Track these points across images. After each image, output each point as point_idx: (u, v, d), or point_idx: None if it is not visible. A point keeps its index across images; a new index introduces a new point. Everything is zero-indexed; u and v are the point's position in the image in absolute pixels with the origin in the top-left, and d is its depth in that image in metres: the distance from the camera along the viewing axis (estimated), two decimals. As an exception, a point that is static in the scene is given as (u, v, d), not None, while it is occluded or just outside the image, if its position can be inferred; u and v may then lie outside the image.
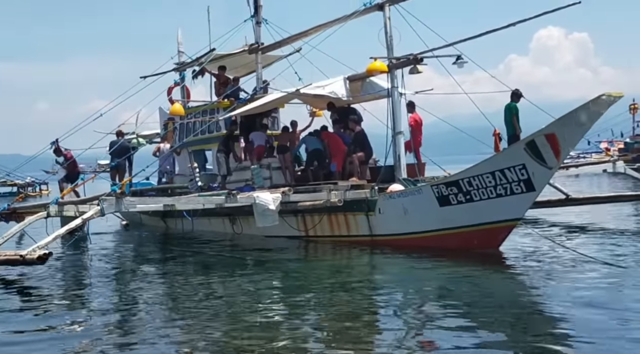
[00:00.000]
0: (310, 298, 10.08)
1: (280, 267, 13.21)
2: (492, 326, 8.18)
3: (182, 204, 14.65)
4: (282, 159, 17.55)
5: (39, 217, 13.85)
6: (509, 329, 8.02)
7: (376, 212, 14.86)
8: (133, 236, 20.46)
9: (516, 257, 13.01)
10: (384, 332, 8.14)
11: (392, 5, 15.53)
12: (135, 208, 14.04)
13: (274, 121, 20.45)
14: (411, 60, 15.09)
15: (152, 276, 12.64)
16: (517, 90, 14.96)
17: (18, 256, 11.96)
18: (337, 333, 8.05)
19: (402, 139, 15.60)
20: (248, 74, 21.85)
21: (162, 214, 19.86)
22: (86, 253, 15.83)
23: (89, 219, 13.05)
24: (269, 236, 16.37)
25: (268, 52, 20.22)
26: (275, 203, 14.35)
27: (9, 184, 49.98)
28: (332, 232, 15.81)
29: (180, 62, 22.82)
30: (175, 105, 19.52)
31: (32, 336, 8.22)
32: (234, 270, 12.57)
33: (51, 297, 10.76)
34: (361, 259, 14.14)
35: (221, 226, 18.63)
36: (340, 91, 16.21)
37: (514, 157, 12.82)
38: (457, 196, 13.60)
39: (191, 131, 20.23)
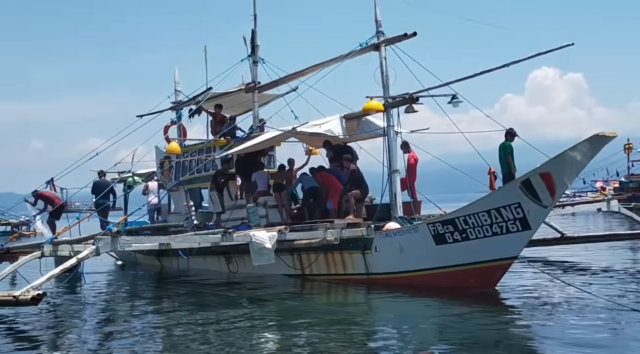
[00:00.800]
0: (306, 337, 10.00)
1: (276, 305, 13.11)
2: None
3: (177, 242, 14.57)
4: (278, 197, 17.53)
5: (33, 257, 13.76)
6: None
7: (372, 251, 14.81)
8: (128, 276, 20.29)
9: (513, 296, 12.95)
10: None
11: (388, 45, 15.74)
12: (130, 247, 13.96)
13: (271, 159, 20.49)
14: (407, 99, 15.21)
15: (147, 316, 12.51)
16: (512, 129, 15.06)
17: (11, 297, 11.81)
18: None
19: (398, 178, 15.62)
20: (245, 112, 21.95)
21: (157, 253, 19.74)
22: (80, 293, 15.68)
23: (84, 259, 12.95)
24: (264, 275, 16.28)
25: (265, 91, 20.35)
26: (271, 241, 14.30)
27: (2, 223, 49.66)
28: (328, 271, 15.73)
29: (176, 100, 22.92)
30: (171, 143, 19.56)
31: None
32: (229, 309, 12.46)
33: (44, 339, 10.63)
34: (357, 298, 14.06)
35: (217, 265, 18.52)
36: (337, 130, 16.29)
37: (509, 195, 12.85)
38: (453, 234, 13.59)
39: (187, 169, 20.26)
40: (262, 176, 18.06)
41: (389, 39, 15.70)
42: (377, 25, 15.91)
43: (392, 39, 15.65)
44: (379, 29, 15.88)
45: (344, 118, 16.66)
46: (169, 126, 22.39)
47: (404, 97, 15.26)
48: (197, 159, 20.06)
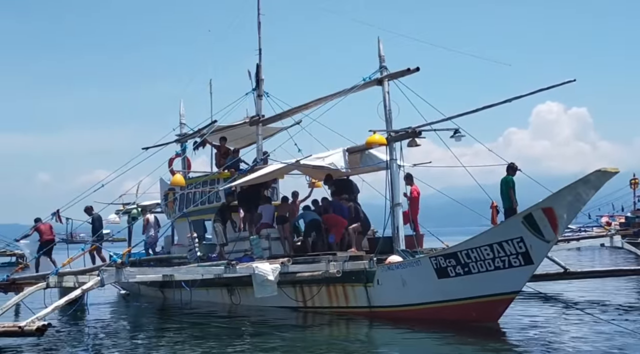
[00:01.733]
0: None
1: (278, 338, 13.12)
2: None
3: (181, 274, 14.67)
4: (281, 230, 17.65)
5: (38, 288, 13.87)
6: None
7: (374, 284, 14.87)
8: (131, 307, 20.34)
9: (515, 331, 12.98)
10: None
11: (391, 80, 15.97)
12: (134, 279, 14.05)
13: (274, 191, 20.65)
14: (409, 133, 15.39)
15: (150, 348, 12.55)
16: (513, 164, 15.24)
17: (17, 328, 11.92)
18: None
19: (401, 211, 15.74)
20: (248, 145, 22.18)
21: (160, 285, 19.81)
22: (84, 324, 15.73)
23: (88, 290, 13.05)
24: (267, 307, 16.32)
25: (269, 124, 20.58)
26: (274, 274, 14.37)
27: (7, 254, 49.69)
28: (330, 304, 15.76)
29: (181, 133, 23.19)
30: (176, 176, 19.74)
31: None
32: (231, 341, 12.53)
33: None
34: (359, 331, 14.08)
35: (219, 297, 18.56)
36: (339, 163, 16.46)
37: (511, 230, 12.94)
38: (455, 268, 13.66)
39: (191, 201, 20.43)
40: (268, 209, 18.20)
41: (392, 73, 15.95)
42: (380, 61, 16.17)
43: (395, 73, 15.90)
44: (382, 64, 16.14)
45: (347, 151, 16.84)
46: (174, 158, 22.58)
47: (407, 131, 15.44)
48: (201, 191, 20.24)
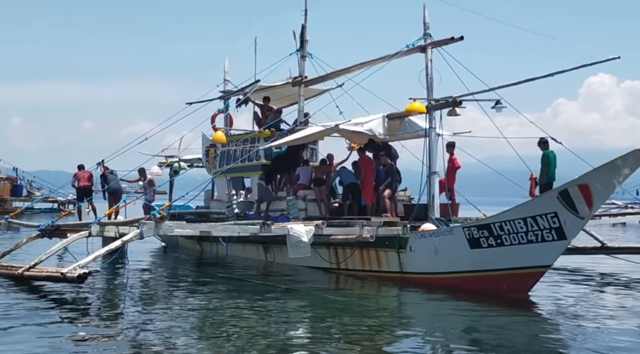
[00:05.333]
0: (335, 330, 10.29)
1: (309, 297, 13.43)
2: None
3: (218, 231, 15.02)
4: (317, 192, 17.86)
5: (81, 236, 14.36)
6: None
7: (407, 250, 15.05)
8: (169, 259, 20.92)
9: (545, 304, 13.05)
10: None
11: (435, 48, 15.87)
12: (173, 233, 14.45)
13: (313, 153, 20.83)
14: (450, 102, 15.33)
15: (185, 299, 12.97)
16: (543, 138, 15.21)
17: (59, 274, 12.43)
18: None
19: (437, 179, 15.80)
20: (290, 105, 22.31)
21: (198, 238, 20.31)
22: (123, 273, 16.26)
23: (128, 241, 13.49)
24: (300, 266, 16.65)
25: (311, 86, 20.66)
26: (308, 235, 14.62)
27: (50, 200, 51.01)
28: (362, 267, 16.02)
29: (225, 90, 23.38)
30: (218, 132, 19.99)
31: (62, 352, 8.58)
32: (264, 298, 12.84)
33: (85, 316, 11.14)
34: (389, 295, 14.32)
35: (255, 253, 18.99)
36: (378, 129, 16.53)
37: (546, 205, 12.93)
38: (488, 239, 13.73)
39: (232, 158, 20.74)
40: (306, 171, 18.40)
41: (436, 41, 15.84)
42: (424, 28, 16.05)
43: (439, 41, 15.79)
44: (426, 31, 16.02)
45: (387, 117, 16.88)
46: (217, 114, 22.84)
47: (447, 100, 15.39)
48: (241, 149, 20.50)
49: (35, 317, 10.53)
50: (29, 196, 55.56)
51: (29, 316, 10.56)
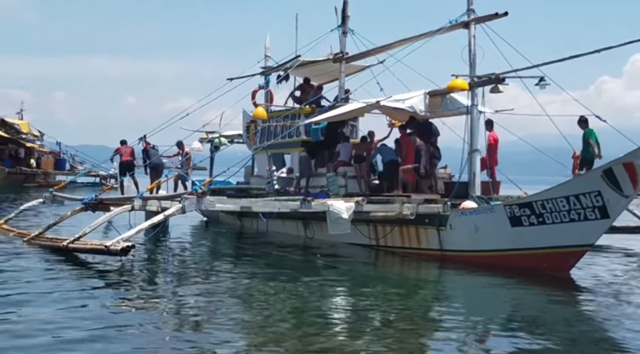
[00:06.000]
0: (374, 306, 10.34)
1: (349, 273, 13.52)
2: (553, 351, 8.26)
3: (258, 206, 15.16)
4: (358, 169, 17.86)
5: (124, 210, 14.62)
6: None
7: (447, 228, 15.01)
8: (210, 233, 21.20)
9: (586, 283, 12.92)
10: (442, 349, 8.26)
11: (478, 24, 15.65)
12: (214, 207, 14.61)
13: (353, 129, 20.80)
14: (493, 79, 15.14)
15: (225, 273, 13.11)
16: (583, 116, 15.00)
17: (103, 247, 12.70)
18: (395, 345, 8.26)
19: (478, 157, 15.67)
20: (330, 82, 22.26)
21: (239, 214, 20.51)
22: (165, 247, 16.55)
23: (170, 216, 13.70)
24: (340, 243, 16.73)
25: (352, 62, 20.57)
26: (348, 212, 14.66)
27: (92, 174, 51.91)
28: (402, 244, 16.03)
29: (266, 66, 23.41)
30: (258, 108, 20.06)
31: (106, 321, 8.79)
32: (303, 273, 12.94)
33: (127, 288, 11.35)
34: (429, 273, 14.33)
35: (294, 229, 19.12)
36: (419, 106, 16.43)
37: (589, 183, 12.75)
38: (529, 217, 13.61)
39: (272, 134, 20.82)
40: (346, 147, 18.41)
41: (479, 17, 15.61)
42: (468, 3, 15.83)
43: (483, 17, 15.56)
44: (469, 7, 15.81)
45: (428, 94, 16.75)
46: (257, 90, 22.92)
47: (490, 77, 15.20)
48: (282, 125, 20.56)
49: (78, 289, 10.76)
50: (72, 170, 56.72)
51: (72, 288, 10.79)
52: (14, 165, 50.28)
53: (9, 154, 52.39)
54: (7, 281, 10.95)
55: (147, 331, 8.42)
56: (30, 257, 13.69)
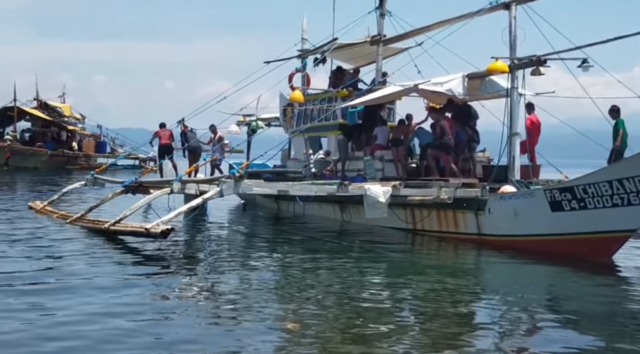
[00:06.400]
0: (411, 290, 10.30)
1: (385, 257, 13.48)
2: (595, 339, 8.13)
3: (295, 190, 15.18)
4: (395, 152, 17.76)
5: (163, 193, 14.77)
6: (616, 343, 7.91)
7: (485, 212, 14.86)
8: (247, 216, 21.34)
9: (629, 269, 12.71)
10: (478, 335, 8.17)
11: (519, 4, 15.36)
12: (251, 191, 14.68)
13: (390, 112, 20.67)
14: (534, 61, 14.88)
15: (262, 256, 13.22)
16: (615, 106, 14.78)
17: (143, 229, 12.87)
18: (431, 329, 8.20)
19: (518, 140, 15.46)
20: (368, 64, 22.11)
21: (276, 197, 20.59)
22: (204, 230, 16.70)
23: (209, 199, 13.81)
24: (376, 226, 16.69)
25: (389, 45, 20.38)
26: (385, 196, 14.60)
27: (132, 157, 52.57)
28: (439, 228, 15.94)
29: (303, 49, 23.35)
30: (295, 92, 20.05)
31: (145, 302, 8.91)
32: (340, 256, 12.94)
33: (167, 271, 11.50)
34: (467, 257, 14.23)
35: (331, 213, 19.14)
36: (457, 89, 16.22)
37: (634, 167, 12.48)
38: (570, 202, 13.40)
39: (309, 118, 20.80)
40: (383, 131, 18.32)
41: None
42: (509, -16, 15.53)
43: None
44: (510, -12, 15.50)
45: (467, 77, 16.53)
46: (294, 73, 22.91)
47: (531, 59, 14.93)
48: (318, 109, 20.53)
49: (119, 270, 10.93)
50: (112, 152, 57.60)
51: (113, 270, 10.96)
52: (56, 147, 51.07)
53: (52, 136, 53.26)
54: (51, 263, 11.16)
55: (186, 314, 8.51)
56: (72, 239, 13.95)
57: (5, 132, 51.20)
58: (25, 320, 7.76)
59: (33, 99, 54.62)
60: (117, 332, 7.45)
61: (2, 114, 50.27)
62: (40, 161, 47.97)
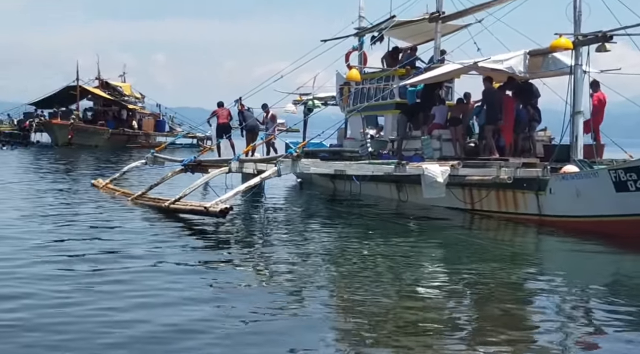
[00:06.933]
0: (468, 273, 10.08)
1: (443, 237, 13.36)
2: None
3: (352, 170, 15.16)
4: (453, 131, 17.52)
5: (221, 172, 14.95)
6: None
7: (547, 192, 14.56)
8: (304, 195, 21.42)
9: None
10: (537, 322, 7.91)
11: (585, -22, 14.88)
12: (309, 170, 14.72)
13: (448, 91, 20.36)
14: (599, 37, 14.42)
15: (319, 236, 13.25)
16: None
17: (202, 208, 13.04)
18: (488, 313, 8.05)
19: (582, 119, 15.05)
20: (426, 42, 21.79)
21: (332, 176, 20.58)
22: (261, 208, 16.84)
23: (266, 178, 13.91)
24: (434, 206, 16.55)
25: (448, 22, 20.03)
26: (443, 176, 14.44)
27: (189, 136, 53.29)
28: (498, 208, 15.69)
29: (360, 27, 23.16)
30: (352, 71, 19.94)
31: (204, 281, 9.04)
32: (397, 236, 12.87)
33: (225, 248, 11.70)
34: (527, 238, 14.02)
35: (387, 192, 19.04)
36: (518, 67, 15.88)
37: None
38: (636, 182, 12.99)
39: (365, 96, 20.66)
40: (441, 110, 18.08)
41: (587, -28, 14.83)
42: (574, -42, 15.04)
43: (590, -28, 14.78)
44: (576, -38, 15.01)
45: (529, 54, 16.15)
46: (351, 52, 22.77)
47: (597, 35, 14.47)
48: (375, 88, 20.37)
49: (178, 248, 11.10)
50: (170, 131, 58.59)
51: (173, 247, 11.13)
52: (117, 126, 52.13)
53: (113, 115, 54.33)
54: (113, 243, 11.37)
55: (244, 293, 8.57)
56: (134, 217, 14.26)
57: (69, 111, 52.46)
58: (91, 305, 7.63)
59: (95, 79, 55.82)
60: (169, 317, 7.33)
61: (65, 93, 51.45)
62: (101, 139, 49.10)
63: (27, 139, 49.71)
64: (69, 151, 41.98)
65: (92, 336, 6.57)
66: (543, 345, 6.95)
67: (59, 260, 9.76)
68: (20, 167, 28.64)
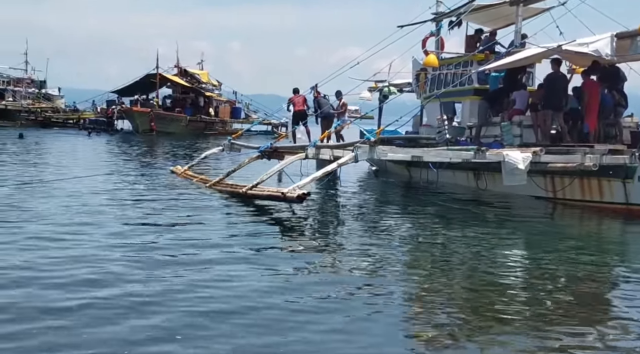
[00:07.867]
0: (550, 264, 9.76)
1: (523, 227, 13.03)
2: None
3: (430, 156, 14.92)
4: (534, 117, 17.01)
5: (298, 158, 14.98)
6: None
7: (635, 180, 14.01)
8: (380, 183, 21.29)
9: None
10: (622, 315, 7.57)
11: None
12: (386, 157, 14.59)
13: (529, 76, 19.77)
14: (693, 18, 13.70)
15: (395, 224, 13.11)
16: None
17: (280, 193, 13.10)
18: (576, 310, 7.75)
19: (673, 104, 14.39)
20: (506, 26, 21.22)
21: (407, 164, 20.37)
22: (336, 195, 16.81)
23: (343, 164, 13.85)
24: (513, 194, 16.15)
25: (530, 5, 19.42)
26: (524, 163, 14.02)
27: (265, 123, 53.75)
28: (582, 197, 15.18)
29: (437, 12, 22.74)
30: (429, 56, 19.61)
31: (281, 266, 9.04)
32: (475, 226, 12.60)
33: (302, 233, 11.73)
34: (613, 229, 13.52)
35: (465, 180, 18.69)
36: (605, 50, 15.27)
37: None
38: None
39: (443, 82, 20.31)
40: (522, 95, 17.57)
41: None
42: None
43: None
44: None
45: (616, 37, 15.50)
46: (428, 37, 22.39)
47: (690, 15, 13.76)
48: (453, 73, 20.00)
49: (255, 234, 11.16)
50: (246, 118, 59.35)
51: (250, 233, 11.18)
52: (194, 113, 53.06)
53: (191, 102, 55.36)
54: (193, 226, 11.58)
55: (318, 281, 8.47)
56: (212, 202, 14.46)
57: (149, 99, 53.75)
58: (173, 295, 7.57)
59: (174, 66, 57.01)
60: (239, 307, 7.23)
61: (145, 81, 52.71)
62: (179, 126, 50.10)
63: (112, 126, 51.32)
64: (149, 138, 43.09)
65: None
66: (631, 337, 6.66)
67: (142, 244, 10.01)
68: (109, 153, 30.23)
